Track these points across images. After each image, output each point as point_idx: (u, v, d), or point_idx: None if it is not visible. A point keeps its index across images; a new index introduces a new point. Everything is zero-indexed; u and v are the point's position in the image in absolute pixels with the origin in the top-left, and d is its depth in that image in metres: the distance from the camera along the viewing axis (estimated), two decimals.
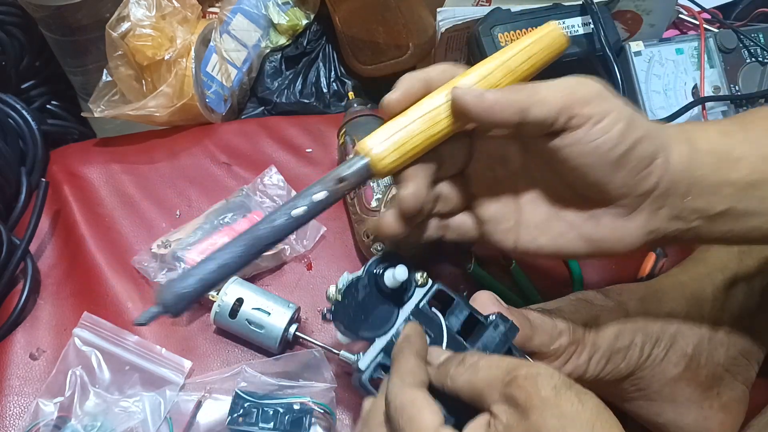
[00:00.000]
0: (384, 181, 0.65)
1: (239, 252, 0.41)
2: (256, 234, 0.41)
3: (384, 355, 0.45)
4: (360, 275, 0.46)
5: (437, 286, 0.47)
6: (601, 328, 0.52)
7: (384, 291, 0.46)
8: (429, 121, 0.42)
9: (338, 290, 0.45)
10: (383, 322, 0.46)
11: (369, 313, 0.46)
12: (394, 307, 0.47)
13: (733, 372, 0.56)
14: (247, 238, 0.41)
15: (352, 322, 0.45)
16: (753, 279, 0.56)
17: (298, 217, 0.41)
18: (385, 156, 0.42)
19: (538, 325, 0.49)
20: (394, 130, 0.42)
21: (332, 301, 0.45)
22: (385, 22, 0.77)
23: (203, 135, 0.77)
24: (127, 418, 0.57)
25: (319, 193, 0.41)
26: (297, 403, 0.57)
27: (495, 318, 0.45)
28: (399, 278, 0.45)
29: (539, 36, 0.45)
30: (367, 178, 0.43)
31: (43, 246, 0.69)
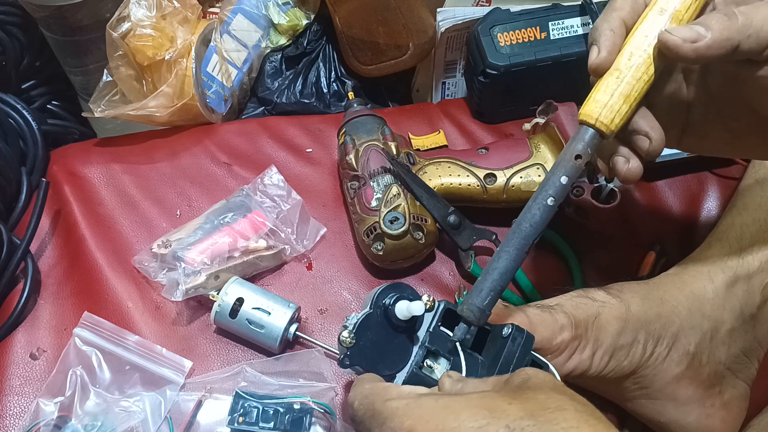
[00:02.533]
0: (384, 181, 0.65)
1: (513, 255, 0.44)
2: (523, 234, 0.44)
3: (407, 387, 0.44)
4: (369, 311, 0.45)
5: (444, 306, 0.46)
6: (604, 325, 0.52)
7: (396, 324, 0.45)
8: (639, 72, 0.43)
9: (350, 332, 0.44)
10: (400, 356, 0.45)
11: (385, 350, 0.45)
12: (407, 338, 0.46)
13: (734, 370, 0.56)
14: (516, 240, 0.44)
15: (370, 363, 0.45)
16: (753, 277, 0.56)
17: (552, 205, 0.44)
18: (613, 118, 0.43)
19: (538, 322, 0.49)
20: (611, 91, 0.43)
21: (346, 346, 0.44)
22: (385, 22, 0.77)
23: (203, 135, 0.77)
24: (128, 417, 0.57)
25: (562, 177, 0.44)
26: (297, 403, 0.57)
27: (512, 331, 0.44)
28: (416, 312, 0.44)
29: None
30: (598, 145, 0.44)
31: (44, 246, 0.69)
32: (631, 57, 0.43)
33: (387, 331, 0.45)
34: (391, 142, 0.67)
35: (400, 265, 0.66)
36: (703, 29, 0.40)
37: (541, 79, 0.74)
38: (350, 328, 0.44)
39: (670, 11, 0.42)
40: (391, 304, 0.45)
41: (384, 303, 0.45)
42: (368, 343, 0.45)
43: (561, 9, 0.74)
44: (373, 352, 0.45)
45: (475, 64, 0.75)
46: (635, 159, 0.45)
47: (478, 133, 0.79)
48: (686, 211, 0.74)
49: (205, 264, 0.63)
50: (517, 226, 0.45)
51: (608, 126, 0.43)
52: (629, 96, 0.43)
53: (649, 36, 0.42)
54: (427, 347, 0.45)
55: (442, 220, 0.65)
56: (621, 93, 0.43)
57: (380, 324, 0.45)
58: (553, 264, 0.69)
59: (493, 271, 0.44)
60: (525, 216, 0.45)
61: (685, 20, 0.43)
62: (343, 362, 0.45)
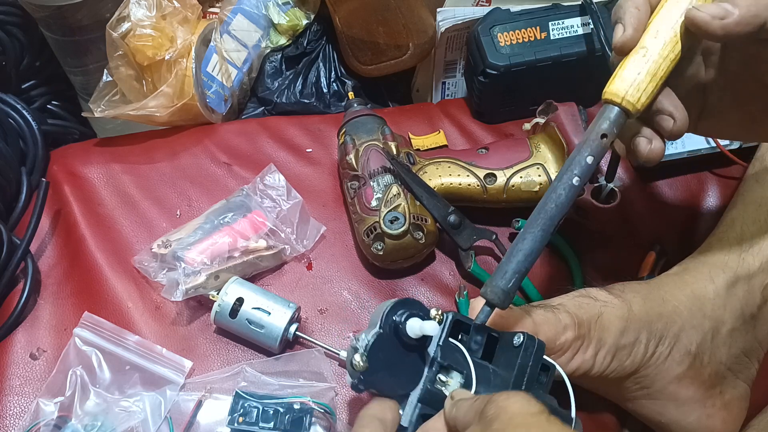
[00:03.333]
0: (384, 181, 0.65)
1: (539, 236, 0.44)
2: (548, 215, 0.44)
3: (422, 406, 0.43)
4: (379, 330, 0.43)
5: (452, 317, 0.45)
6: (606, 324, 0.52)
7: (407, 341, 0.44)
8: (666, 49, 0.42)
9: (362, 355, 0.42)
10: (413, 374, 0.44)
11: (398, 370, 0.44)
12: (419, 355, 0.44)
13: (735, 370, 0.56)
14: (542, 221, 0.44)
15: (384, 386, 0.43)
16: (753, 278, 0.56)
17: (578, 185, 0.44)
18: (639, 97, 0.42)
19: (541, 322, 0.49)
20: (638, 70, 0.42)
21: (359, 370, 0.42)
22: (385, 22, 0.77)
23: (203, 135, 0.77)
24: (128, 417, 0.57)
25: (588, 157, 0.43)
26: (297, 403, 0.57)
27: (523, 340, 0.44)
28: (429, 333, 0.42)
29: None
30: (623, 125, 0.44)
31: (44, 246, 0.69)
32: (658, 35, 0.42)
33: (398, 349, 0.44)
34: (391, 142, 0.67)
35: (400, 265, 0.66)
36: (731, 6, 0.39)
37: (541, 79, 0.74)
38: (361, 351, 0.42)
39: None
40: (402, 322, 0.43)
41: (394, 321, 0.44)
42: (380, 364, 0.43)
43: (561, 9, 0.74)
44: (386, 373, 0.43)
45: (475, 64, 0.75)
46: (658, 140, 0.45)
47: (478, 133, 0.79)
48: (686, 211, 0.74)
49: (205, 264, 0.63)
50: (542, 207, 0.44)
51: (634, 105, 0.43)
52: (656, 75, 0.42)
53: (676, 13, 0.42)
54: (439, 362, 0.44)
55: (442, 220, 0.65)
56: (648, 71, 0.42)
57: (391, 343, 0.44)
58: (553, 264, 0.69)
59: (518, 252, 0.44)
60: (550, 196, 0.44)
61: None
62: (357, 387, 0.43)
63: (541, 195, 0.66)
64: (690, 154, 0.74)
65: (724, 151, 0.73)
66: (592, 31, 0.73)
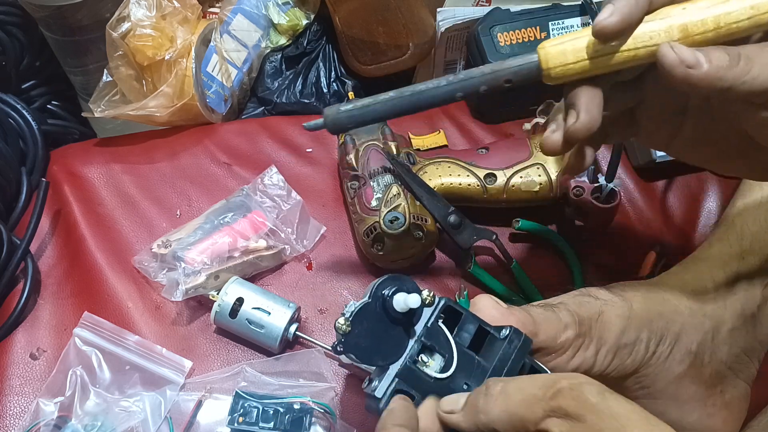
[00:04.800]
0: (384, 181, 0.65)
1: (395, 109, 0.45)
2: (417, 89, 0.44)
3: (399, 381, 0.43)
4: (367, 301, 0.45)
5: (445, 303, 0.46)
6: (607, 323, 0.52)
7: (393, 315, 0.44)
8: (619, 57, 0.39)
9: (346, 319, 0.43)
10: (395, 348, 0.45)
11: (380, 341, 0.44)
12: (404, 331, 0.45)
13: (735, 370, 0.56)
14: (410, 92, 0.44)
15: (364, 352, 0.44)
16: (754, 277, 0.56)
17: (457, 96, 0.43)
18: (556, 66, 0.40)
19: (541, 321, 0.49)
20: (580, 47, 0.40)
21: (341, 333, 0.43)
22: (385, 22, 0.77)
23: (203, 135, 0.77)
24: (128, 417, 0.57)
25: (483, 86, 0.42)
26: (297, 403, 0.57)
27: (509, 333, 0.44)
28: (412, 305, 0.43)
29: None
30: (536, 80, 0.42)
31: (44, 246, 0.69)
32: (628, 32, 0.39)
33: (384, 322, 0.45)
34: (391, 142, 0.67)
35: (400, 264, 0.66)
36: (703, 58, 0.38)
37: None
38: (347, 315, 0.44)
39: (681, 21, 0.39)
40: (390, 296, 0.44)
41: (383, 294, 0.45)
42: (363, 332, 0.44)
43: (561, 9, 0.74)
44: (368, 342, 0.44)
45: (475, 64, 0.75)
46: (558, 132, 0.43)
47: (478, 133, 0.79)
48: (686, 211, 0.74)
49: (205, 264, 0.63)
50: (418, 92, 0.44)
51: (547, 69, 0.41)
52: (590, 65, 0.40)
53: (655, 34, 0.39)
54: (423, 342, 0.45)
55: (442, 219, 0.65)
56: (586, 55, 0.40)
57: (378, 314, 0.45)
58: (553, 264, 0.69)
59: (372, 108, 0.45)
60: (430, 89, 0.43)
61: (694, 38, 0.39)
62: (336, 348, 0.45)
63: (542, 195, 0.67)
64: None
65: None
66: None
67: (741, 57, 0.38)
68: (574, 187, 0.65)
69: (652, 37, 0.39)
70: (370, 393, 0.44)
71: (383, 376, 0.44)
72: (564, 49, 0.40)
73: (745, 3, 0.38)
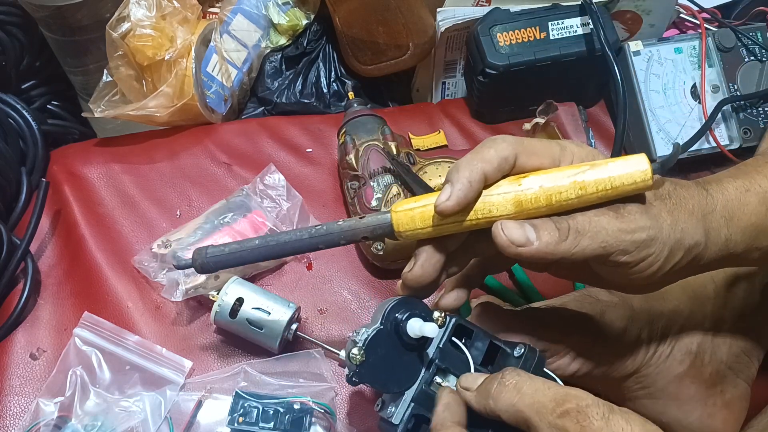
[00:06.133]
0: (384, 181, 0.65)
1: (263, 251, 0.46)
2: (281, 239, 0.46)
3: (415, 406, 0.43)
4: (379, 327, 0.44)
5: (456, 322, 0.45)
6: (608, 324, 0.52)
7: (406, 341, 0.44)
8: (463, 225, 0.42)
9: (360, 348, 0.43)
10: (410, 373, 0.44)
11: (394, 366, 0.44)
12: (417, 355, 0.44)
13: (735, 370, 0.56)
14: (275, 241, 0.46)
15: (380, 381, 0.43)
16: (754, 277, 0.57)
17: (320, 247, 0.46)
18: (406, 230, 0.43)
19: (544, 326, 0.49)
20: (428, 215, 0.42)
21: (356, 363, 0.42)
22: (385, 22, 0.77)
23: (203, 135, 0.77)
24: (128, 417, 0.57)
25: (341, 239, 0.45)
26: (297, 403, 0.57)
27: (524, 351, 0.44)
28: (429, 335, 0.42)
29: (621, 174, 0.41)
30: (384, 237, 0.45)
31: (44, 246, 0.69)
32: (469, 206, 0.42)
33: (397, 347, 0.44)
34: (391, 142, 0.67)
35: (400, 265, 0.66)
36: (533, 235, 0.40)
37: (540, 79, 0.74)
38: (360, 344, 0.43)
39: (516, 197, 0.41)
40: (403, 321, 0.43)
41: (395, 318, 0.44)
42: (378, 360, 0.43)
43: (561, 9, 0.75)
44: (383, 369, 0.43)
45: (474, 63, 0.75)
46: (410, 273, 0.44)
47: (478, 133, 0.79)
48: None
49: None
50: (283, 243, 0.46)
51: (398, 231, 0.43)
52: (435, 231, 0.42)
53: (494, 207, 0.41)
54: (437, 365, 0.44)
55: None
56: (431, 223, 0.42)
57: (391, 340, 0.44)
58: None
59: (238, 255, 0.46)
60: (294, 240, 0.45)
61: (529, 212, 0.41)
62: (352, 379, 0.43)
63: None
64: (690, 154, 0.74)
65: (724, 151, 0.73)
66: (591, 31, 0.73)
67: (570, 231, 0.40)
68: None
69: (490, 210, 0.42)
70: (386, 419, 0.44)
71: (399, 401, 0.44)
72: (413, 215, 0.43)
73: (575, 183, 0.41)
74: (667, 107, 0.75)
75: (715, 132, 0.74)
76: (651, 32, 0.81)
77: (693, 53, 0.78)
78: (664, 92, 0.76)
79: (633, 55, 0.76)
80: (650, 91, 0.76)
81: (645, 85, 0.76)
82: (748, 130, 0.75)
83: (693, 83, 0.76)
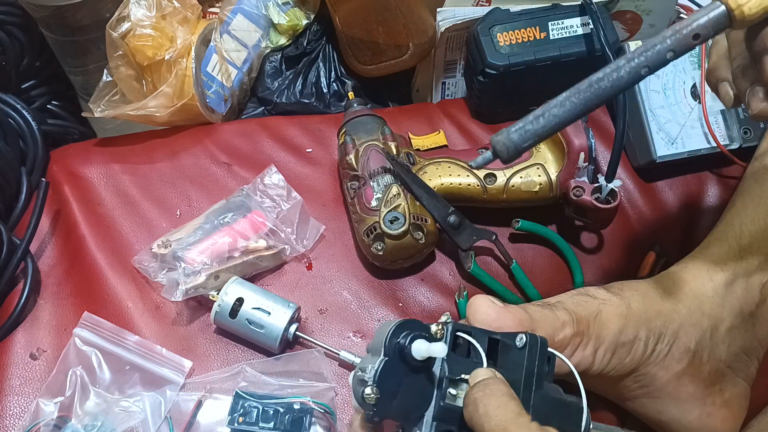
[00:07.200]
0: (384, 181, 0.65)
1: (578, 109, 0.40)
2: (597, 92, 0.39)
3: (439, 423, 0.42)
4: (384, 358, 0.42)
5: (452, 328, 0.44)
6: (605, 322, 0.52)
7: (413, 363, 0.42)
8: None
9: (372, 387, 0.41)
10: (424, 394, 0.43)
11: (408, 393, 0.42)
12: (426, 374, 0.43)
13: (734, 369, 0.56)
14: (588, 95, 0.40)
15: (399, 412, 0.42)
16: (752, 276, 0.56)
17: (644, 75, 0.39)
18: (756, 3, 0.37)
19: (538, 319, 0.49)
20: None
21: (372, 402, 0.41)
22: (385, 22, 0.77)
23: (203, 135, 0.77)
24: (128, 417, 0.57)
25: (669, 52, 0.38)
26: (297, 403, 0.57)
27: (526, 341, 0.43)
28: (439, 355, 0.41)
29: None
30: (723, 30, 0.38)
31: (44, 246, 0.69)
32: None
33: (405, 373, 0.43)
34: (391, 142, 0.68)
35: (400, 265, 0.67)
36: None
37: (540, 79, 0.74)
38: (370, 382, 0.41)
39: None
40: (407, 345, 0.42)
41: (398, 344, 0.42)
42: (390, 392, 0.42)
43: (561, 9, 0.74)
44: (398, 399, 0.42)
45: (474, 63, 0.75)
46: None
47: (478, 133, 0.79)
48: (686, 211, 0.74)
49: (205, 264, 0.63)
50: (596, 82, 0.39)
51: (743, 9, 0.37)
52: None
53: None
54: (447, 377, 0.43)
55: (442, 220, 0.65)
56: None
57: (397, 368, 0.42)
58: (553, 264, 0.69)
59: (549, 115, 0.40)
60: (609, 74, 0.39)
61: None
62: (373, 419, 0.42)
63: (542, 195, 0.67)
64: (690, 154, 0.74)
65: (724, 151, 0.73)
66: (591, 31, 0.73)
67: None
68: (574, 187, 0.65)
69: None
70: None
71: (420, 423, 0.43)
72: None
73: None
74: (667, 107, 0.75)
75: (715, 132, 0.74)
76: (651, 32, 0.81)
77: (693, 53, 0.77)
78: (664, 92, 0.76)
79: None
80: (650, 91, 0.76)
81: (645, 85, 0.76)
82: (748, 130, 0.75)
83: (693, 83, 0.76)
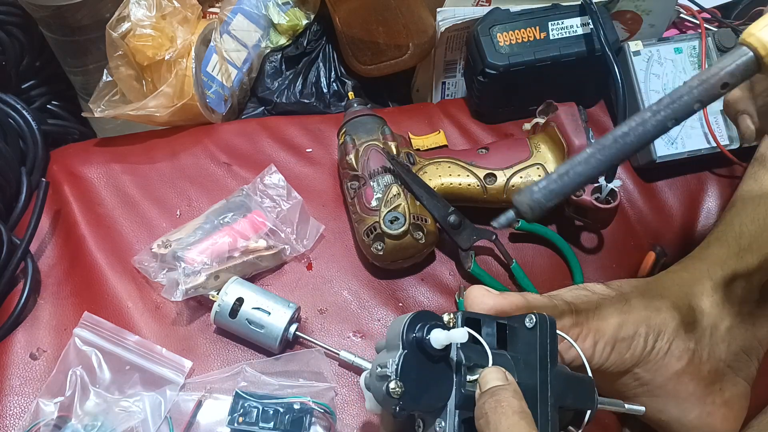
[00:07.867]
0: (384, 181, 0.65)
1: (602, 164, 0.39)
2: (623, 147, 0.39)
3: (462, 412, 0.42)
4: (403, 351, 0.42)
5: (462, 316, 0.45)
6: (604, 316, 0.52)
7: (432, 353, 0.42)
8: None
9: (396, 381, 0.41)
10: (444, 383, 0.43)
11: (429, 383, 0.43)
12: (445, 362, 0.44)
13: (734, 368, 0.56)
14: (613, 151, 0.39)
15: (423, 404, 0.42)
16: (752, 275, 0.57)
17: (670, 127, 0.39)
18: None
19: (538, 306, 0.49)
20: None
21: (398, 395, 0.41)
22: (385, 22, 0.77)
23: (203, 135, 0.77)
24: (128, 417, 0.57)
25: (696, 104, 0.38)
26: (297, 403, 0.57)
27: (536, 321, 0.43)
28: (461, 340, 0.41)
29: None
30: (751, 76, 0.38)
31: (44, 246, 0.69)
32: None
33: (425, 364, 0.43)
34: (391, 142, 0.68)
35: (400, 265, 0.67)
36: None
37: (540, 79, 0.74)
38: (393, 376, 0.41)
39: None
40: (425, 336, 0.42)
41: (415, 337, 0.43)
42: (413, 384, 0.42)
43: (561, 9, 0.74)
44: (422, 391, 0.42)
45: (474, 63, 0.75)
46: None
47: (478, 133, 0.79)
48: (686, 211, 0.74)
49: (205, 264, 0.63)
50: (621, 137, 0.38)
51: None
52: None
53: None
54: (465, 364, 0.43)
55: (442, 220, 0.65)
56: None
57: (417, 359, 0.43)
58: (553, 264, 0.69)
59: (572, 173, 0.39)
60: (634, 128, 0.38)
61: None
62: (399, 413, 0.42)
63: None
64: (690, 154, 0.74)
65: (724, 151, 0.73)
66: (591, 31, 0.73)
67: None
68: None
69: None
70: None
71: (444, 413, 0.43)
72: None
73: None
74: None
75: (715, 132, 0.74)
76: (651, 32, 0.81)
77: (693, 53, 0.78)
78: (664, 92, 0.76)
79: (633, 55, 0.76)
80: (650, 91, 0.76)
81: (645, 85, 0.76)
82: None
83: None
